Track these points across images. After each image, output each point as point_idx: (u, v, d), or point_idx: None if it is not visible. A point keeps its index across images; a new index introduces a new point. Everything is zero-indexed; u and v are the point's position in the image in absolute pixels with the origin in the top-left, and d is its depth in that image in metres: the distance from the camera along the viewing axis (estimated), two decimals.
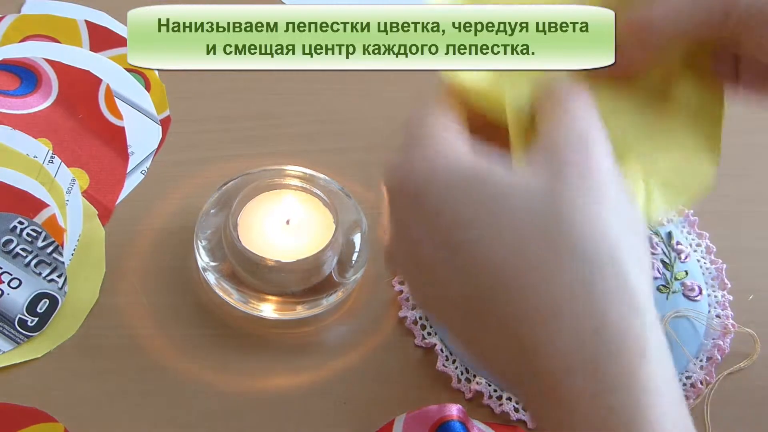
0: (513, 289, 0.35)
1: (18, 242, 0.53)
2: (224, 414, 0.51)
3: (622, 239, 0.35)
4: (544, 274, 0.34)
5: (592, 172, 0.36)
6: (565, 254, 0.34)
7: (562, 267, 0.34)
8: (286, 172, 0.55)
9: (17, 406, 0.50)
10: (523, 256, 0.35)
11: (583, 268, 0.34)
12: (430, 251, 0.37)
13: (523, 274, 0.35)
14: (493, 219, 0.35)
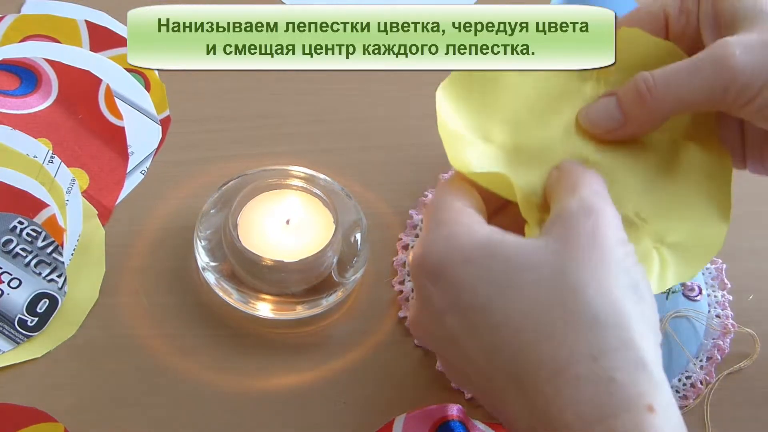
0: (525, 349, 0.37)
1: (18, 242, 0.53)
2: (224, 414, 0.51)
3: (627, 302, 0.37)
4: (554, 342, 0.37)
5: (598, 240, 0.38)
6: (574, 320, 0.37)
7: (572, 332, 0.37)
8: (286, 172, 0.55)
9: (17, 406, 0.50)
10: (536, 320, 0.37)
11: (590, 332, 0.36)
12: (449, 320, 0.39)
13: (535, 338, 0.37)
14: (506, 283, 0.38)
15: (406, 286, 0.54)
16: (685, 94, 0.43)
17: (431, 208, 0.42)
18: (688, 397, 0.52)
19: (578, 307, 0.37)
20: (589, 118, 0.45)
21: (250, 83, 0.62)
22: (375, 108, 0.61)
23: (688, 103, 0.43)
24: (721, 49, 0.42)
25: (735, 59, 0.41)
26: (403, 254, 0.56)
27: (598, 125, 0.45)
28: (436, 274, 0.39)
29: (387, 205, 0.58)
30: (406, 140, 0.60)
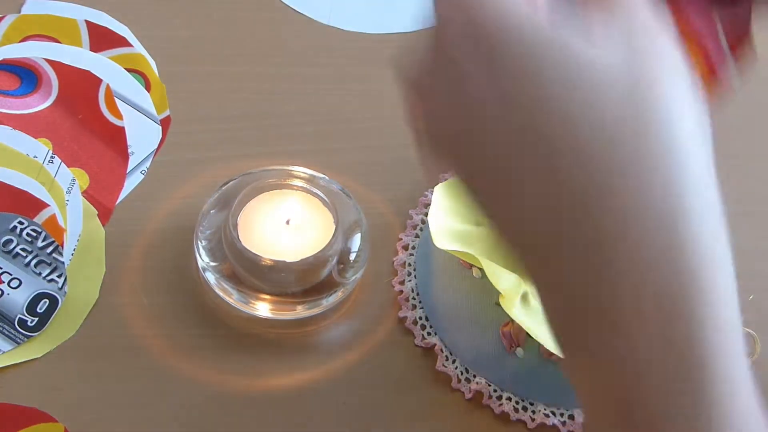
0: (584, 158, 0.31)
1: (18, 242, 0.53)
2: (224, 414, 0.51)
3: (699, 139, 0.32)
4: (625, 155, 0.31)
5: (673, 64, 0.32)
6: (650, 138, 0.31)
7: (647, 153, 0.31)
8: (286, 172, 0.55)
9: (17, 406, 0.50)
10: (604, 130, 0.31)
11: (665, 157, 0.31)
12: (482, 91, 0.32)
13: (602, 150, 0.31)
14: (575, 84, 0.31)
15: (406, 286, 0.55)
16: None
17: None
18: None
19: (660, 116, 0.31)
20: None
21: (250, 83, 0.62)
22: (375, 108, 0.61)
23: None
24: None
25: None
26: (403, 254, 0.56)
27: None
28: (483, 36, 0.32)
29: (387, 205, 0.58)
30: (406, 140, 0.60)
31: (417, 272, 0.55)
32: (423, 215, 0.57)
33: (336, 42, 0.64)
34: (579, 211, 0.31)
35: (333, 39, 0.64)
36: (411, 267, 0.55)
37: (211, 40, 0.63)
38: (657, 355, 0.31)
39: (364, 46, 0.64)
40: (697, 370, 0.31)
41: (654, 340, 0.31)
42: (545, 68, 0.31)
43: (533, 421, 0.51)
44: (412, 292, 0.54)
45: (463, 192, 0.36)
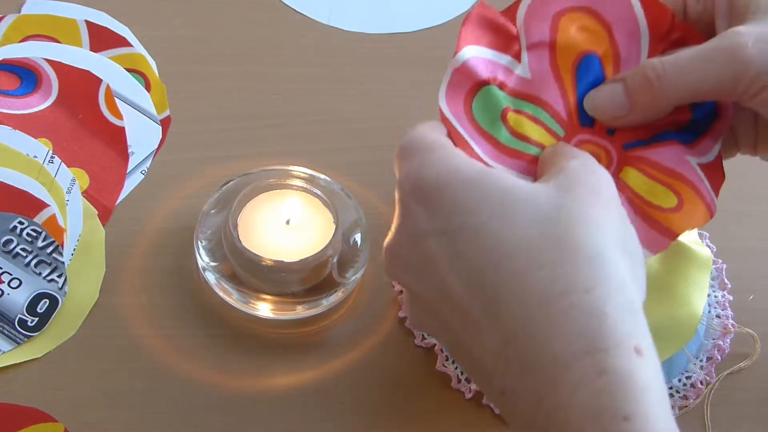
0: (516, 276, 0.36)
1: (18, 242, 0.53)
2: (224, 414, 0.51)
3: (622, 253, 0.37)
4: (548, 272, 0.36)
5: (601, 194, 0.38)
6: (570, 254, 0.36)
7: (568, 265, 0.36)
8: (287, 172, 0.55)
9: (17, 406, 0.50)
10: (532, 250, 0.36)
11: (585, 267, 0.36)
12: (432, 243, 0.38)
13: (528, 267, 0.36)
14: (503, 210, 0.37)
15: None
16: (694, 83, 0.42)
17: (416, 137, 0.41)
18: (688, 397, 0.52)
19: (577, 243, 0.36)
20: (595, 104, 0.44)
21: (250, 83, 0.62)
22: (375, 108, 0.61)
23: (697, 92, 0.42)
24: (733, 39, 0.41)
25: (747, 50, 0.41)
26: None
27: (604, 112, 0.44)
28: (429, 194, 0.38)
29: (387, 205, 0.58)
30: None
31: None
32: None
33: (336, 42, 0.64)
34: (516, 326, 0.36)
35: (333, 39, 0.64)
36: None
37: (211, 40, 0.63)
38: None
39: (364, 46, 0.64)
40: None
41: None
42: (478, 197, 0.37)
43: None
44: None
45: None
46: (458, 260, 0.37)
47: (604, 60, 0.45)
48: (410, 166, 0.40)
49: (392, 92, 0.62)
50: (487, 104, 0.43)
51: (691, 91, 0.42)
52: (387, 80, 0.63)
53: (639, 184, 0.44)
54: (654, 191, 0.44)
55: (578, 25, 0.45)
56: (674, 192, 0.44)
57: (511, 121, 0.44)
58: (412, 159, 0.40)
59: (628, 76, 0.43)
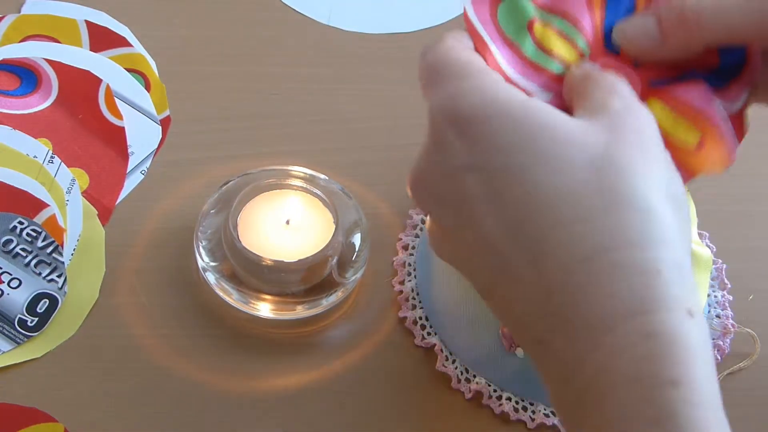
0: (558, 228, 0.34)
1: (18, 242, 0.53)
2: (224, 414, 0.51)
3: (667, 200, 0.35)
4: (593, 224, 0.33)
5: (646, 140, 0.36)
6: (619, 205, 0.34)
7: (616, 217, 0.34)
8: (286, 172, 0.55)
9: (17, 406, 0.50)
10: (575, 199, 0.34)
11: (637, 220, 0.33)
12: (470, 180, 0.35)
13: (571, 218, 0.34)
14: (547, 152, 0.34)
15: (406, 286, 0.54)
16: (734, 22, 0.40)
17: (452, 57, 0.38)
18: None
19: (626, 194, 0.34)
20: (625, 35, 0.42)
21: (250, 83, 0.62)
22: (375, 108, 0.61)
23: (735, 32, 0.40)
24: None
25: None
26: (403, 254, 0.56)
27: (633, 43, 0.41)
28: (466, 123, 0.35)
29: (387, 205, 0.58)
30: (406, 140, 0.60)
31: (417, 272, 0.55)
32: (423, 215, 0.57)
33: (336, 42, 0.64)
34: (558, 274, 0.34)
35: (333, 39, 0.64)
36: (411, 267, 0.55)
37: (211, 40, 0.63)
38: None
39: (364, 46, 0.64)
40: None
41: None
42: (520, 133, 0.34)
43: (533, 421, 0.51)
44: (412, 292, 0.54)
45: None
46: (498, 202, 0.35)
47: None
48: (445, 92, 0.36)
49: (392, 92, 0.62)
50: (514, 11, 0.41)
51: (728, 29, 0.40)
52: (387, 80, 0.63)
53: (663, 117, 0.42)
54: (677, 125, 0.42)
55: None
56: (698, 129, 0.42)
57: (537, 33, 0.41)
58: (447, 84, 0.37)
59: (663, 9, 0.41)
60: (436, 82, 0.37)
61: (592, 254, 0.33)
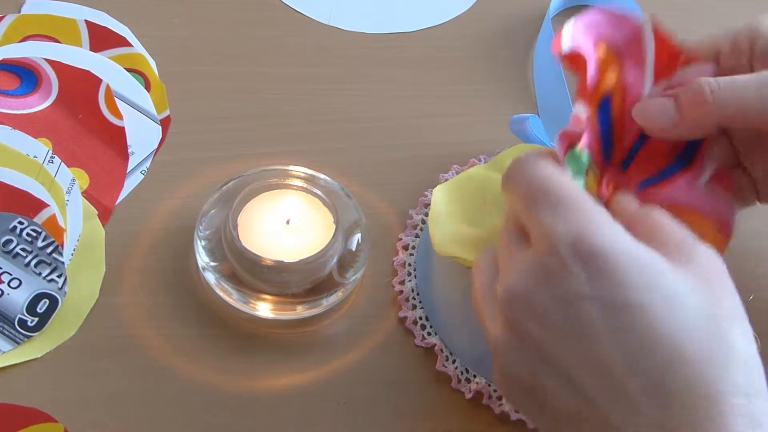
0: (682, 366, 0.36)
1: (18, 242, 0.53)
2: (224, 414, 0.51)
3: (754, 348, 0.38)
4: (715, 368, 0.36)
5: (729, 283, 0.39)
6: (731, 355, 0.36)
7: (733, 366, 0.36)
8: (287, 172, 0.55)
9: (17, 406, 0.50)
10: (696, 344, 0.36)
11: (743, 371, 0.36)
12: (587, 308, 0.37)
13: (693, 360, 0.36)
14: (672, 297, 0.37)
15: (406, 286, 0.55)
16: (747, 105, 0.43)
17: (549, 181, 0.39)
18: None
19: (734, 346, 0.37)
20: (644, 114, 0.45)
21: (250, 83, 0.62)
22: (375, 108, 0.61)
23: (747, 115, 0.43)
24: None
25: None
26: (403, 254, 0.56)
27: (652, 121, 0.44)
28: (593, 256, 0.37)
29: (387, 205, 0.58)
30: (406, 140, 0.60)
31: (417, 272, 0.55)
32: (423, 215, 0.57)
33: (336, 42, 0.64)
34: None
35: (333, 39, 0.64)
36: (411, 267, 0.55)
37: (211, 40, 0.63)
38: None
39: (364, 46, 0.64)
40: None
41: None
42: (644, 278, 0.36)
43: None
44: (412, 292, 0.54)
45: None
46: (622, 334, 0.36)
47: (613, 94, 0.45)
48: (571, 223, 0.38)
49: (392, 92, 0.62)
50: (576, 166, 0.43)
51: (741, 111, 0.43)
52: (387, 80, 0.63)
53: None
54: None
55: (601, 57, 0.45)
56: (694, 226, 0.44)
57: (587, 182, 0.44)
58: (570, 214, 0.38)
59: (681, 91, 0.44)
60: (553, 209, 0.38)
61: (714, 398, 0.35)
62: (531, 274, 0.38)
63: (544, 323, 0.38)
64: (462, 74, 0.63)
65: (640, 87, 0.46)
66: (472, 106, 0.62)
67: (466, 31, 0.66)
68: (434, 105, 0.62)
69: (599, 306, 0.37)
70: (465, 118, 0.62)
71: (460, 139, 0.61)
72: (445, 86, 0.63)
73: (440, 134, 0.61)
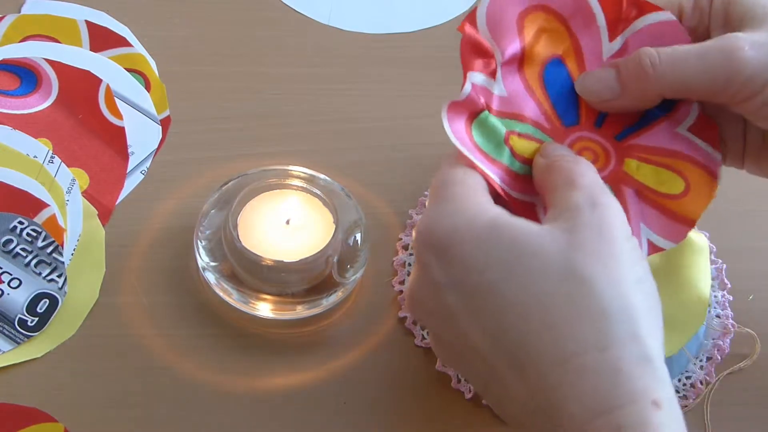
0: (531, 336, 0.37)
1: (18, 242, 0.53)
2: (224, 414, 0.51)
3: (635, 296, 0.37)
4: (559, 331, 0.36)
5: (605, 233, 0.38)
6: (581, 311, 0.37)
7: (578, 323, 0.36)
8: (286, 172, 0.55)
9: (17, 406, 0.50)
10: (543, 309, 0.37)
11: (597, 324, 0.36)
12: (451, 297, 0.39)
13: (541, 327, 0.37)
14: (513, 267, 0.38)
15: (405, 286, 0.54)
16: (688, 77, 0.42)
17: (439, 180, 0.41)
18: (688, 397, 0.52)
19: (586, 299, 0.37)
20: (585, 85, 0.45)
21: (250, 83, 0.62)
22: (375, 108, 0.61)
23: (689, 87, 0.43)
24: (731, 41, 0.42)
25: (743, 52, 0.41)
26: (403, 254, 0.56)
27: (592, 93, 0.45)
28: (441, 248, 0.39)
29: (387, 205, 0.58)
30: (406, 140, 0.60)
31: None
32: None
33: (336, 42, 0.64)
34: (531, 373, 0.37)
35: (333, 39, 0.64)
36: (411, 267, 0.55)
37: (211, 40, 0.63)
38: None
39: (364, 46, 0.64)
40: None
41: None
42: (487, 250, 0.38)
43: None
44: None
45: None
46: (478, 315, 0.38)
47: (566, 58, 0.45)
48: (427, 213, 0.40)
49: (392, 92, 0.62)
50: (486, 131, 0.44)
51: (683, 83, 0.43)
52: (387, 80, 0.63)
53: (645, 174, 0.45)
54: (661, 179, 0.44)
55: (538, 26, 0.45)
56: (679, 174, 0.45)
57: (514, 144, 0.44)
58: (432, 205, 0.40)
59: (622, 62, 0.44)
60: (429, 203, 0.41)
61: (562, 359, 0.36)
62: (414, 272, 0.41)
63: (429, 314, 0.40)
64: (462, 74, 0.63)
65: (597, 45, 0.46)
66: None
67: None
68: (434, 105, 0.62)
69: (456, 293, 0.38)
70: None
71: None
72: (445, 86, 0.63)
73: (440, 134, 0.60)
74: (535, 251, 0.38)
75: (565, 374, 0.36)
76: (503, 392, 0.38)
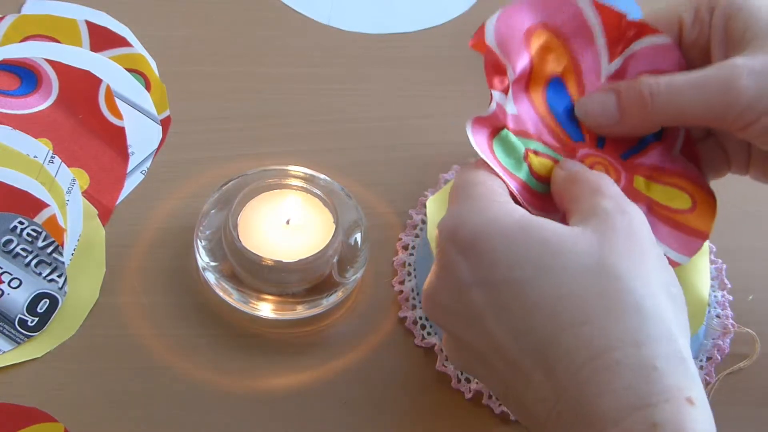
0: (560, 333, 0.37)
1: (18, 242, 0.53)
2: (224, 414, 0.51)
3: (665, 298, 0.37)
4: (593, 327, 0.36)
5: (636, 237, 0.39)
6: (615, 307, 0.37)
7: (613, 319, 0.36)
8: (286, 172, 0.55)
9: (17, 406, 0.50)
10: (575, 306, 0.37)
11: (632, 320, 0.36)
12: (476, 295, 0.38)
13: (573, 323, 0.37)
14: (544, 265, 0.37)
15: (406, 286, 0.55)
16: (686, 107, 0.43)
17: (462, 180, 0.41)
18: None
19: (620, 295, 0.37)
20: (585, 110, 0.45)
21: (250, 83, 0.62)
22: (375, 108, 0.61)
23: (688, 116, 0.43)
24: (729, 69, 0.42)
25: (741, 81, 0.41)
26: (403, 254, 0.56)
27: (592, 118, 0.45)
28: (469, 245, 0.38)
29: (387, 205, 0.58)
30: (406, 140, 0.60)
31: (417, 272, 0.55)
32: (423, 215, 0.57)
33: (336, 42, 0.64)
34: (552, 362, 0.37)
35: (333, 39, 0.64)
36: (411, 267, 0.55)
37: (211, 40, 0.63)
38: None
39: (364, 46, 0.64)
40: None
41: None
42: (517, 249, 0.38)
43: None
44: (412, 292, 0.54)
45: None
46: (504, 313, 0.38)
47: (565, 77, 0.46)
48: (451, 212, 0.40)
49: (392, 92, 0.62)
50: (507, 148, 0.44)
51: (682, 113, 0.43)
52: (387, 80, 0.63)
53: (655, 191, 0.45)
54: (670, 196, 0.45)
55: (541, 44, 0.45)
56: (683, 191, 0.45)
57: (532, 161, 0.44)
58: (456, 204, 0.40)
59: (623, 88, 0.44)
60: (452, 201, 0.41)
61: (595, 355, 0.36)
62: (434, 272, 0.41)
63: (449, 315, 0.40)
64: (462, 74, 0.63)
65: (597, 65, 0.46)
66: (473, 107, 0.62)
67: (466, 31, 0.66)
68: (434, 105, 0.62)
69: (482, 290, 0.38)
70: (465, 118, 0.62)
71: (460, 139, 0.60)
72: (445, 86, 0.63)
73: (440, 134, 0.61)
74: (569, 249, 0.38)
75: (598, 370, 0.35)
76: (527, 393, 0.38)
